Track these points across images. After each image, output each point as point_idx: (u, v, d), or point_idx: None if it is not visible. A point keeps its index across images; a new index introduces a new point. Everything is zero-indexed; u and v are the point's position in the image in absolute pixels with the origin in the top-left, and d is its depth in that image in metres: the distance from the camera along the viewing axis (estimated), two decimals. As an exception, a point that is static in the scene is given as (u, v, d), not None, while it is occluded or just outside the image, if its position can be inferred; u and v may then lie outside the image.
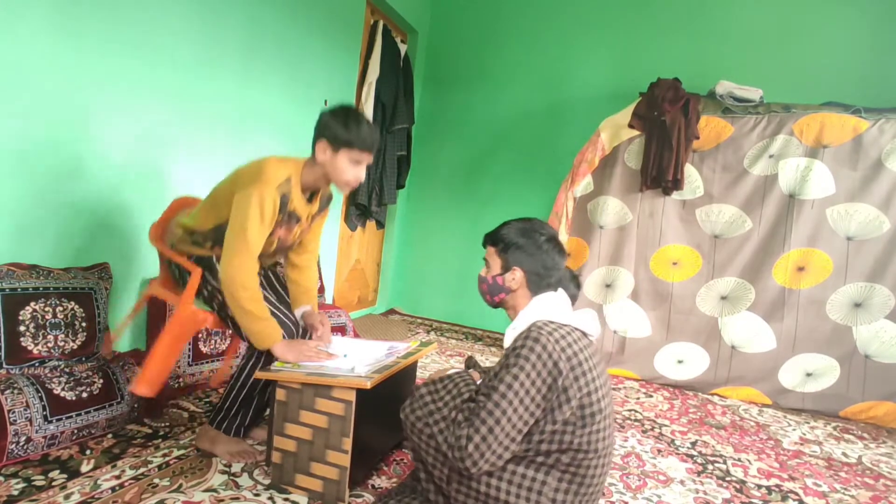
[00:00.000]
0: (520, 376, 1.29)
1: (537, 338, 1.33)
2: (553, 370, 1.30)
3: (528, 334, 1.35)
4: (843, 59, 3.51)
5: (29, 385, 1.75)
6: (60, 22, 1.95)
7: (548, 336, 1.33)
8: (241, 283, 1.69)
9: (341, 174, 1.76)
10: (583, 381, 1.33)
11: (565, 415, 1.31)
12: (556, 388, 1.30)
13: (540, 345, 1.31)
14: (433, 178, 4.66)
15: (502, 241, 1.54)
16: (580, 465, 1.34)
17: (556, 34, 4.23)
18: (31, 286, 1.87)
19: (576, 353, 1.35)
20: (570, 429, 1.32)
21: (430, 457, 1.44)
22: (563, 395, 1.30)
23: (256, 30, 2.83)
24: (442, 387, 1.49)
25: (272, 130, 3.07)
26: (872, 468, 2.43)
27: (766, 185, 3.20)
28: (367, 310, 4.58)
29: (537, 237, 1.50)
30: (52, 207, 2.03)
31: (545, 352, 1.31)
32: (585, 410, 1.32)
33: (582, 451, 1.33)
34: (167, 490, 1.63)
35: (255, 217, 1.68)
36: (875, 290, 3.03)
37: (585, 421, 1.32)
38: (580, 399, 1.32)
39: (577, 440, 1.32)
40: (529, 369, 1.30)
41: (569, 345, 1.35)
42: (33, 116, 1.93)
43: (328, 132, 1.73)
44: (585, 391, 1.32)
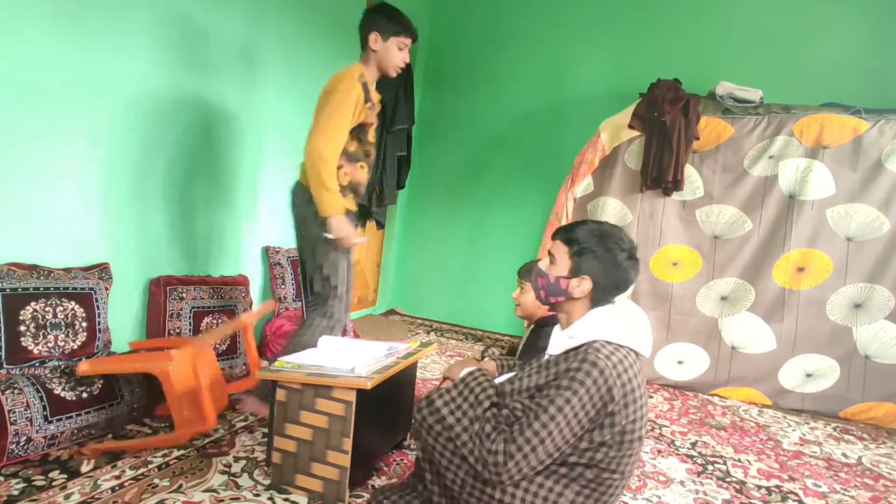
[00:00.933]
0: (572, 400, 1.25)
1: (595, 362, 1.27)
2: (606, 396, 1.26)
3: (585, 357, 1.29)
4: (842, 59, 3.51)
5: (29, 385, 1.75)
6: (62, 22, 1.95)
7: (605, 360, 1.28)
8: (324, 157, 1.93)
9: (392, 59, 2.13)
10: (631, 409, 1.30)
11: (605, 437, 1.29)
12: (605, 413, 1.27)
13: (597, 370, 1.26)
14: (433, 178, 4.66)
15: (578, 243, 1.41)
16: (602, 482, 1.32)
17: (556, 35, 4.23)
18: (32, 286, 1.87)
19: (630, 380, 1.30)
20: (604, 449, 1.30)
21: (445, 459, 1.39)
22: (609, 419, 1.28)
23: (255, 31, 2.83)
24: (458, 394, 1.41)
25: (272, 131, 3.07)
26: (872, 469, 2.43)
27: (766, 186, 3.20)
28: (367, 310, 4.58)
29: (617, 251, 1.39)
30: (52, 207, 2.03)
31: (602, 377, 1.26)
32: (626, 437, 1.30)
33: (608, 471, 1.31)
34: (167, 490, 1.63)
35: (341, 103, 1.97)
36: (875, 291, 3.03)
37: (622, 446, 1.30)
38: (623, 426, 1.29)
39: (608, 459, 1.30)
40: (583, 393, 1.25)
41: (625, 370, 1.30)
42: (33, 115, 1.93)
43: (377, 25, 2.08)
44: (631, 419, 1.30)
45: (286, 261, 3.18)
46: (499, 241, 4.39)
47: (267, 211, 3.13)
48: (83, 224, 2.14)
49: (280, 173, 3.18)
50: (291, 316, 3.04)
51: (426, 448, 1.45)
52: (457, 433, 1.34)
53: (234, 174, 2.85)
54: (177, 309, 2.43)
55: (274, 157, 3.11)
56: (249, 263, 3.05)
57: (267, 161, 3.07)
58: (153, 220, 2.44)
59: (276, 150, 3.12)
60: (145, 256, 2.42)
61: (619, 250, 1.39)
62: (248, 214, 3.00)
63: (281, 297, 3.12)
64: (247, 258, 3.03)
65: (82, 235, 2.15)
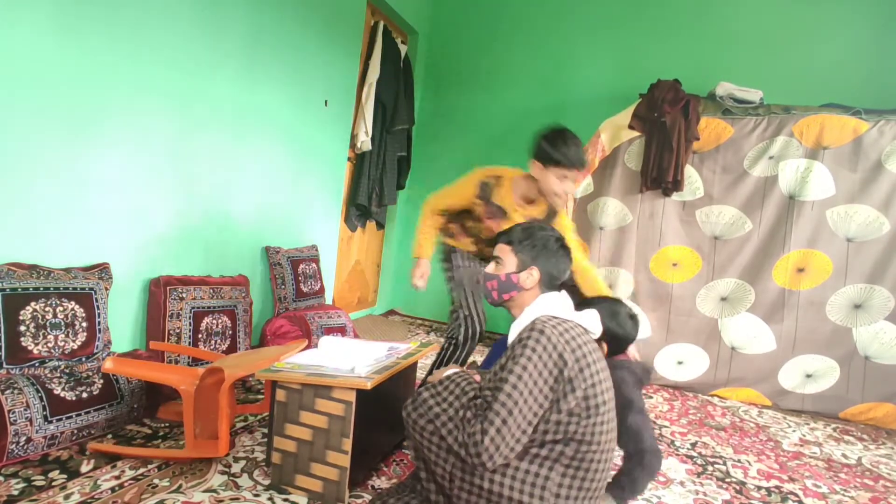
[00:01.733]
0: (528, 367, 1.32)
1: (542, 329, 1.36)
2: (559, 361, 1.33)
3: (532, 327, 1.38)
4: (843, 60, 3.51)
5: (29, 385, 1.76)
6: (61, 23, 1.95)
7: (552, 329, 1.37)
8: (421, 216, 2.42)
9: (551, 186, 2.08)
10: (587, 373, 1.36)
11: (570, 405, 1.34)
12: (562, 379, 1.33)
13: (545, 336, 1.35)
14: (433, 178, 4.63)
15: (518, 241, 1.58)
16: (583, 458, 1.36)
17: (556, 35, 4.23)
18: (32, 286, 1.87)
19: (580, 346, 1.38)
20: (574, 419, 1.34)
21: (433, 454, 1.44)
22: (569, 384, 1.34)
23: (257, 30, 2.84)
24: (443, 388, 1.48)
25: (272, 131, 3.07)
26: (872, 469, 2.43)
27: (766, 187, 3.20)
28: (366, 310, 4.58)
29: (550, 240, 1.57)
30: (52, 207, 2.03)
31: (550, 343, 1.34)
32: (590, 402, 1.35)
33: (585, 443, 1.35)
34: (167, 490, 1.63)
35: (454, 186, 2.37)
36: (875, 292, 3.03)
37: (590, 412, 1.35)
38: (584, 390, 1.35)
39: (581, 430, 1.34)
40: (536, 360, 1.33)
41: (572, 338, 1.39)
42: (34, 115, 1.93)
43: (538, 154, 2.07)
44: (590, 382, 1.36)
45: (286, 261, 3.18)
46: (499, 242, 4.38)
47: (267, 210, 3.13)
48: (83, 224, 2.14)
49: (280, 173, 3.18)
50: (291, 316, 3.04)
51: (416, 446, 1.50)
52: (443, 422, 1.41)
53: (234, 173, 2.85)
54: (177, 309, 2.43)
55: (274, 156, 3.11)
56: (249, 263, 3.05)
57: (267, 160, 3.07)
58: (153, 220, 2.44)
59: (275, 149, 3.12)
60: (145, 256, 2.42)
61: (551, 239, 1.59)
62: (249, 214, 3.00)
63: (281, 297, 3.12)
64: (247, 258, 3.03)
65: (82, 235, 2.15)
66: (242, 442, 2.02)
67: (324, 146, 3.55)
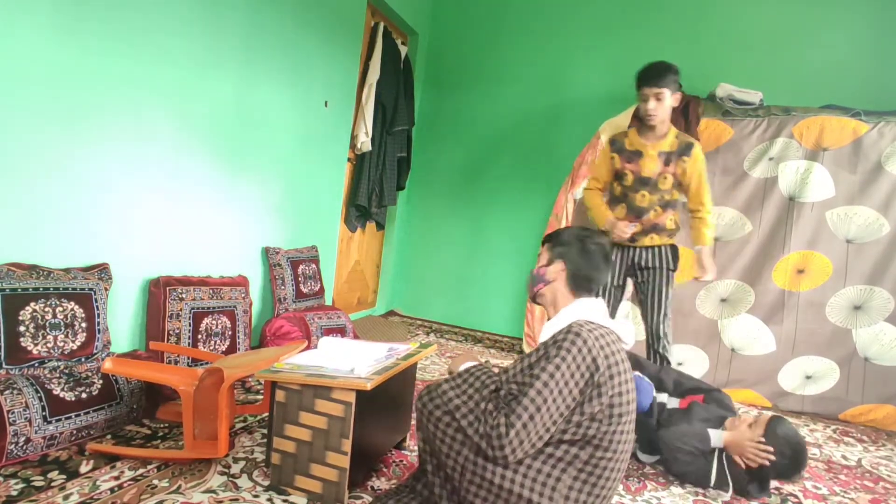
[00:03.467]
0: (561, 366, 1.33)
1: (578, 332, 1.38)
2: (591, 365, 1.34)
3: (569, 329, 1.40)
4: (842, 62, 3.51)
5: (28, 385, 1.75)
6: (60, 21, 1.95)
7: (588, 332, 1.38)
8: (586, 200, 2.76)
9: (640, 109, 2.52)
10: (616, 381, 1.37)
11: (594, 409, 1.34)
12: (592, 383, 1.34)
13: (581, 339, 1.36)
14: (433, 179, 4.66)
15: (556, 239, 1.65)
16: (597, 464, 1.36)
17: (556, 36, 4.24)
18: (31, 286, 1.87)
19: (613, 353, 1.40)
20: (595, 424, 1.35)
21: (446, 446, 1.45)
22: (597, 389, 1.34)
23: (256, 31, 2.84)
24: (462, 381, 1.50)
25: (272, 132, 3.07)
26: (872, 471, 2.43)
27: (766, 188, 3.20)
28: (366, 311, 4.58)
29: (587, 242, 1.60)
30: (52, 207, 2.03)
31: (585, 346, 1.35)
32: (614, 409, 1.36)
33: (601, 449, 1.35)
34: (166, 491, 1.63)
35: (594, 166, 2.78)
36: (875, 293, 3.04)
37: (612, 420, 1.36)
38: (611, 397, 1.35)
39: (600, 435, 1.35)
40: (570, 361, 1.34)
41: (607, 344, 1.40)
42: (32, 115, 1.93)
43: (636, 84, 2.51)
44: (617, 391, 1.37)
45: (286, 261, 3.18)
46: (499, 243, 4.39)
47: (267, 211, 3.13)
48: (83, 224, 2.14)
49: (280, 173, 3.18)
50: (291, 317, 3.04)
51: (428, 437, 1.50)
52: (463, 413, 1.41)
53: (234, 173, 2.85)
54: (176, 310, 2.43)
55: (274, 157, 3.11)
56: (249, 264, 3.05)
57: (267, 161, 3.07)
58: (153, 220, 2.44)
59: (275, 149, 3.12)
60: (145, 257, 2.42)
61: (589, 242, 1.61)
62: (248, 214, 3.00)
63: (281, 298, 3.12)
64: (246, 259, 3.03)
65: (82, 235, 2.15)
66: (242, 442, 2.02)
67: (324, 147, 3.55)
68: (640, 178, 2.55)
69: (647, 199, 2.56)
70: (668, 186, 2.55)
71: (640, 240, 2.60)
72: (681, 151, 2.52)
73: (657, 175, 2.54)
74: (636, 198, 2.57)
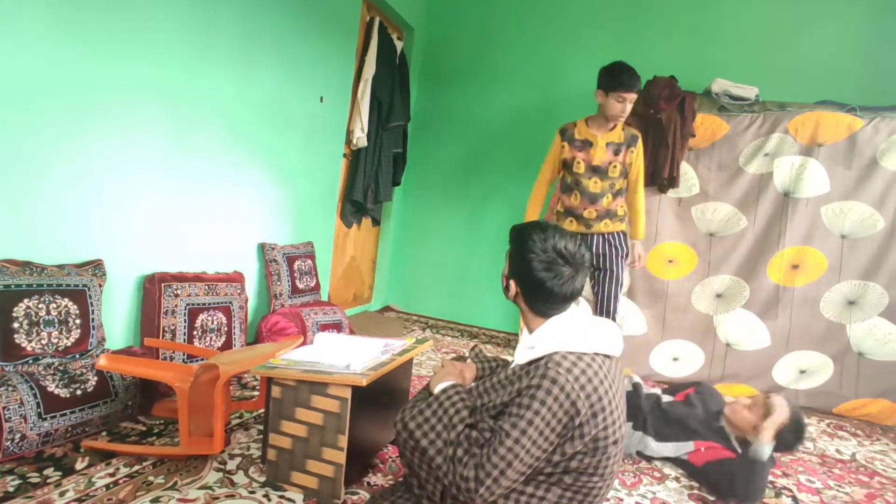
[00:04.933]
0: (535, 421, 1.22)
1: (554, 378, 1.23)
2: (570, 410, 1.23)
3: (545, 372, 1.25)
4: (838, 57, 3.52)
5: (23, 382, 1.75)
6: (56, 18, 1.94)
7: (566, 375, 1.24)
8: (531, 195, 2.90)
9: (610, 110, 2.57)
10: (600, 418, 1.26)
11: (576, 448, 1.27)
12: (572, 426, 1.24)
13: (557, 386, 1.22)
14: (429, 175, 4.65)
15: (512, 243, 1.44)
16: (583, 485, 1.32)
17: (552, 32, 4.23)
18: (25, 283, 1.86)
19: (595, 389, 1.26)
20: (578, 457, 1.28)
21: (424, 473, 1.41)
22: (578, 430, 1.25)
23: (252, 26, 2.82)
24: (431, 413, 1.37)
25: (268, 127, 3.06)
26: (867, 465, 2.44)
27: (762, 184, 3.21)
28: (362, 307, 4.58)
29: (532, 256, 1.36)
30: (46, 203, 2.02)
31: (563, 393, 1.22)
32: (599, 443, 1.28)
33: (587, 475, 1.31)
34: (162, 488, 1.63)
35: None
36: (869, 288, 3.05)
37: (597, 452, 1.29)
38: (594, 434, 1.27)
39: (583, 466, 1.29)
40: (545, 412, 1.22)
41: (588, 380, 1.25)
42: (28, 112, 1.91)
43: (600, 83, 2.59)
44: (602, 426, 1.27)
45: (282, 257, 3.18)
46: (494, 238, 4.38)
47: (262, 207, 3.12)
48: (77, 220, 2.13)
49: (275, 169, 3.16)
50: (287, 313, 3.03)
51: (407, 460, 1.45)
52: (430, 456, 1.32)
53: (229, 169, 2.84)
54: (171, 306, 2.42)
55: (269, 152, 3.10)
56: (245, 260, 3.04)
57: (262, 155, 3.05)
58: (148, 216, 2.43)
59: (271, 145, 3.10)
60: (140, 253, 2.41)
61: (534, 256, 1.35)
62: (244, 210, 2.99)
63: (276, 294, 3.11)
64: (242, 255, 3.02)
65: (76, 231, 2.13)
66: (238, 439, 2.02)
67: (319, 142, 3.54)
68: (591, 166, 2.68)
69: (600, 186, 2.69)
70: (616, 174, 2.68)
71: (595, 226, 2.73)
72: (628, 143, 2.67)
73: (607, 164, 2.66)
74: (589, 184, 2.69)
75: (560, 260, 1.35)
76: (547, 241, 1.36)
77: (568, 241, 1.37)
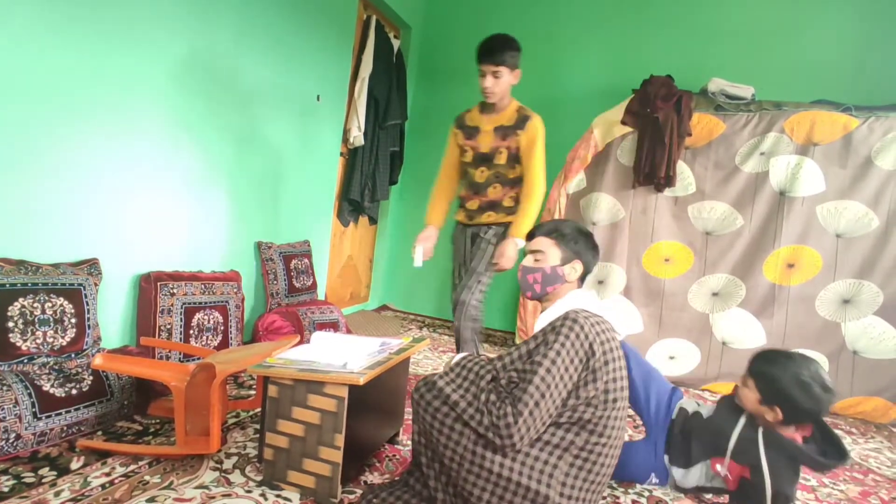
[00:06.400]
0: (561, 352, 1.37)
1: (575, 318, 1.41)
2: (588, 350, 1.39)
3: (566, 316, 1.43)
4: (833, 57, 3.53)
5: (18, 382, 1.74)
6: (48, 16, 1.93)
7: (584, 319, 1.42)
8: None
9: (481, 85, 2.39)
10: (611, 367, 1.42)
11: (589, 393, 1.39)
12: (588, 368, 1.39)
13: (578, 325, 1.40)
14: (426, 174, 4.62)
15: (562, 234, 1.65)
16: (591, 450, 1.41)
17: (549, 31, 4.23)
18: (20, 282, 1.85)
19: (608, 340, 1.44)
20: (590, 409, 1.39)
21: (444, 437, 1.46)
22: (592, 374, 1.39)
23: (248, 25, 2.81)
24: (456, 374, 1.51)
25: (264, 126, 3.05)
26: (861, 463, 2.45)
27: (758, 183, 3.22)
28: (359, 306, 4.57)
29: (591, 237, 1.67)
30: (41, 201, 2.01)
31: (582, 332, 1.39)
32: (609, 395, 1.41)
33: (596, 434, 1.40)
34: (158, 487, 1.62)
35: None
36: (864, 287, 3.06)
37: (607, 405, 1.40)
38: (606, 383, 1.40)
39: (594, 420, 1.40)
40: (569, 346, 1.37)
41: (602, 331, 1.44)
42: (23, 111, 1.90)
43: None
44: (611, 376, 1.41)
45: (278, 256, 3.17)
46: (491, 237, 4.38)
47: (259, 205, 3.12)
48: (72, 218, 2.12)
49: (271, 168, 3.16)
50: (283, 312, 3.03)
51: (424, 429, 1.52)
52: (462, 408, 1.42)
53: (224, 168, 2.83)
54: (167, 305, 2.41)
55: (265, 151, 3.09)
56: (241, 259, 3.03)
57: (258, 155, 3.05)
58: (143, 215, 2.42)
59: (267, 144, 3.10)
60: (135, 251, 2.40)
61: (589, 235, 1.68)
62: (240, 209, 2.98)
63: (273, 293, 3.11)
64: (238, 253, 3.02)
65: (71, 230, 2.12)
66: (234, 438, 2.01)
67: (316, 141, 3.53)
68: (479, 153, 2.52)
69: (485, 175, 2.53)
70: (503, 161, 2.47)
71: (477, 217, 2.59)
72: (517, 125, 2.44)
73: (493, 150, 2.48)
74: (475, 174, 2.56)
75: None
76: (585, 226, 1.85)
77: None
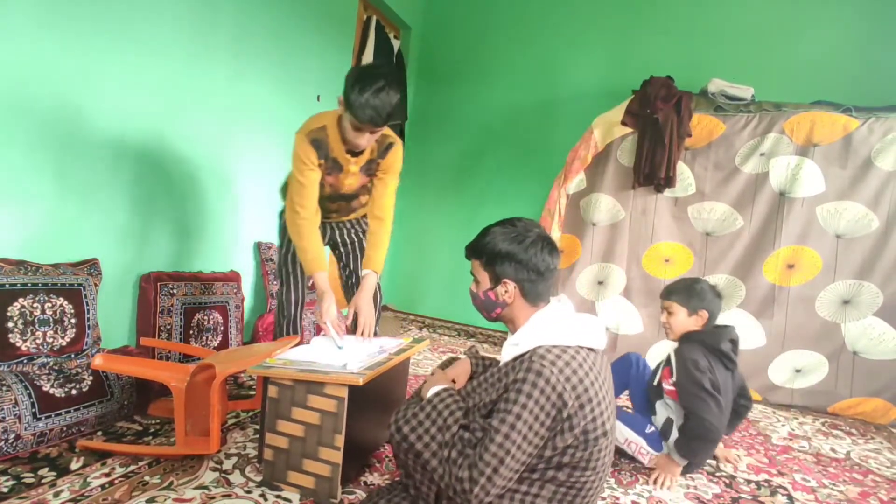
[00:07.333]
0: (523, 415, 1.22)
1: (540, 371, 1.24)
2: (557, 402, 1.23)
3: (529, 366, 1.26)
4: (833, 58, 3.53)
5: (18, 382, 1.74)
6: (48, 15, 1.93)
7: (551, 367, 1.24)
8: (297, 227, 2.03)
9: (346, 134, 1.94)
10: (588, 409, 1.26)
11: (567, 441, 1.26)
12: (560, 419, 1.24)
13: (543, 379, 1.23)
14: (425, 174, 4.65)
15: (485, 253, 1.42)
16: (576, 481, 1.32)
17: (549, 31, 4.23)
18: (20, 282, 1.85)
19: (581, 380, 1.26)
20: (570, 451, 1.28)
21: (419, 474, 1.41)
22: (567, 422, 1.25)
23: (248, 24, 2.81)
24: (425, 416, 1.37)
25: (263, 125, 3.05)
26: (861, 464, 2.45)
27: (757, 183, 3.21)
28: (359, 306, 4.56)
29: (522, 241, 1.38)
30: (41, 202, 2.01)
31: (548, 385, 1.23)
32: (589, 435, 1.28)
33: (579, 469, 1.31)
34: (158, 488, 1.62)
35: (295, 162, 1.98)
36: (863, 288, 3.06)
37: (588, 444, 1.28)
38: (584, 426, 1.26)
39: (576, 460, 1.29)
40: (532, 405, 1.22)
41: (573, 372, 1.26)
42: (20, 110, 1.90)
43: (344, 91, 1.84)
44: (590, 417, 1.27)
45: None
46: (491, 238, 4.39)
47: (258, 206, 3.11)
48: (72, 219, 2.12)
49: (271, 168, 3.16)
50: (283, 312, 3.02)
51: (403, 465, 1.45)
52: (425, 459, 1.32)
53: (225, 168, 2.83)
54: (167, 305, 2.41)
55: (265, 151, 3.09)
56: (241, 259, 3.03)
57: (258, 155, 3.05)
58: (143, 215, 2.42)
59: (267, 143, 3.10)
60: (135, 252, 2.40)
61: (524, 239, 1.38)
62: (240, 209, 2.98)
63: (273, 294, 3.11)
64: (238, 254, 3.02)
65: (71, 230, 2.12)
66: (234, 439, 2.01)
67: (316, 141, 3.53)
68: (339, 193, 2.19)
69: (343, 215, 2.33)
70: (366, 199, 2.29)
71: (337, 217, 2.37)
72: (381, 154, 2.14)
73: (357, 189, 2.21)
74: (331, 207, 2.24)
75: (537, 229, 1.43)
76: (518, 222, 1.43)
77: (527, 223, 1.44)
